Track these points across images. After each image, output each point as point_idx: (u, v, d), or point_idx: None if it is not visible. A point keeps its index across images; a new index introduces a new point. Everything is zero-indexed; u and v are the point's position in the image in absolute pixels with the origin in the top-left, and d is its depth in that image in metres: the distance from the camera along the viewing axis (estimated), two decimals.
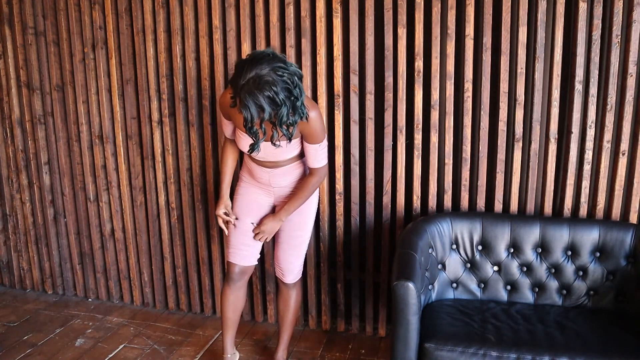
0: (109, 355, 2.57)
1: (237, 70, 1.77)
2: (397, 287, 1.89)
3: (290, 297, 2.36)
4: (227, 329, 2.34)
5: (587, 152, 2.28)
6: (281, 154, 2.08)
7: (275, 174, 2.16)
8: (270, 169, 2.15)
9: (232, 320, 2.33)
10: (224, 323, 2.33)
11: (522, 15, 2.23)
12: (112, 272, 3.06)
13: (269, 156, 2.09)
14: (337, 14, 2.41)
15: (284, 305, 2.38)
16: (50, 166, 3.03)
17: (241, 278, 2.28)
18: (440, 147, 2.45)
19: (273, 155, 2.08)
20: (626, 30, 2.16)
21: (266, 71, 1.72)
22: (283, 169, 2.15)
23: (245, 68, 1.74)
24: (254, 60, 1.75)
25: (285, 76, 1.74)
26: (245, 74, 1.73)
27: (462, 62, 2.34)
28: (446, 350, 1.87)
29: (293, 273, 2.30)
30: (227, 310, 2.31)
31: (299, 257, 2.29)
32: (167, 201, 2.83)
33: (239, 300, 2.32)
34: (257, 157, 2.10)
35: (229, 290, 2.28)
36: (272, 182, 2.19)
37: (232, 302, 2.30)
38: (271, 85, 1.71)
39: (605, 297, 2.18)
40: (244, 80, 1.72)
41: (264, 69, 1.73)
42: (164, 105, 2.71)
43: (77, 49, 2.78)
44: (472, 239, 2.29)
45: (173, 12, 2.58)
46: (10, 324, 2.87)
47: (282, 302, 2.38)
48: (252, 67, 1.73)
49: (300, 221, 2.25)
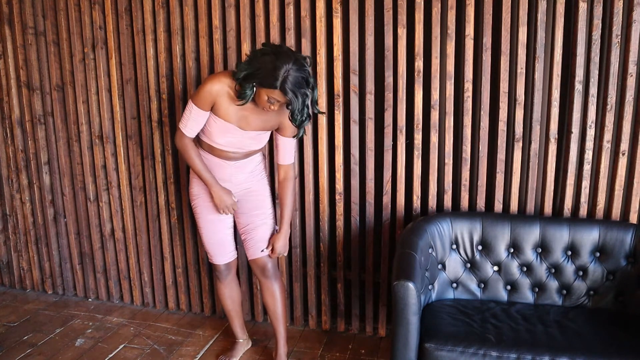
0: (109, 355, 2.57)
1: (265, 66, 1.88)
2: (397, 287, 1.89)
3: (274, 288, 2.34)
4: (232, 319, 2.52)
5: (587, 152, 2.28)
6: (255, 144, 2.19)
7: (238, 167, 2.23)
8: (234, 162, 2.22)
9: (234, 311, 2.49)
10: (227, 315, 2.52)
11: (522, 15, 2.23)
12: (112, 272, 3.06)
13: (244, 145, 2.17)
14: (337, 14, 2.41)
15: (272, 299, 2.35)
16: (50, 166, 3.03)
17: (229, 273, 2.42)
18: (440, 147, 2.45)
19: (248, 145, 2.18)
20: (626, 30, 2.16)
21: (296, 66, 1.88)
22: (245, 161, 2.24)
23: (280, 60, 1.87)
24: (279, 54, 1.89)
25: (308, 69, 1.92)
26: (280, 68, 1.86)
27: (462, 62, 2.34)
28: (446, 350, 1.87)
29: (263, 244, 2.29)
30: (226, 303, 2.47)
31: (266, 226, 2.31)
32: (167, 201, 2.83)
33: (234, 291, 2.47)
34: (229, 147, 2.16)
35: (222, 285, 2.44)
36: (233, 178, 2.24)
37: (229, 295, 2.46)
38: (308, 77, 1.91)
39: (605, 297, 2.18)
40: (281, 73, 1.86)
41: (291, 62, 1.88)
42: (164, 105, 2.71)
43: (77, 49, 2.78)
44: (472, 239, 2.29)
45: (173, 12, 2.58)
46: (10, 324, 2.87)
47: (269, 297, 2.36)
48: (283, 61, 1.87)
49: (254, 204, 2.31)
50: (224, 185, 2.23)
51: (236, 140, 2.14)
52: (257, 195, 2.32)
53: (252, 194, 2.31)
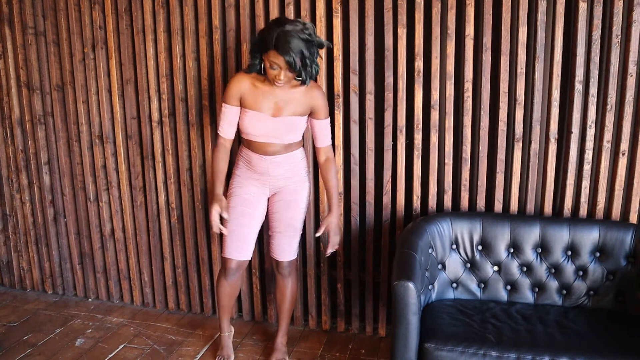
0: (109, 355, 2.57)
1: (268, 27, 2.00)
2: (397, 287, 1.89)
3: (286, 286, 2.44)
4: (224, 313, 2.49)
5: (587, 152, 2.28)
6: (291, 132, 2.21)
7: (273, 162, 2.25)
8: (270, 157, 2.24)
9: (229, 307, 2.48)
10: (221, 309, 2.47)
11: (522, 15, 2.23)
12: (112, 272, 3.06)
13: (279, 134, 2.20)
14: (337, 14, 2.41)
15: (281, 295, 2.46)
16: (50, 166, 3.03)
17: (237, 272, 2.36)
18: (440, 147, 2.45)
19: (283, 133, 2.20)
20: (626, 30, 2.16)
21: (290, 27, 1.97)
22: (281, 157, 2.25)
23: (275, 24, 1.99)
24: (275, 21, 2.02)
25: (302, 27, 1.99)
26: (273, 29, 1.97)
27: (462, 62, 2.34)
28: (446, 350, 1.87)
29: (288, 252, 2.35)
30: (224, 299, 2.43)
31: (294, 237, 2.36)
32: (167, 201, 2.83)
33: (235, 289, 2.44)
34: (266, 139, 2.20)
35: (226, 282, 2.38)
36: (270, 171, 2.26)
37: (228, 293, 2.42)
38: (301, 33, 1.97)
39: (605, 297, 2.18)
40: (275, 34, 1.95)
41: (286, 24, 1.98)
42: (164, 105, 2.71)
43: (77, 49, 2.78)
44: (472, 239, 2.29)
45: (173, 12, 2.59)
46: (10, 324, 2.87)
47: (278, 293, 2.47)
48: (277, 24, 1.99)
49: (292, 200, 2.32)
50: (260, 178, 2.28)
51: (270, 129, 2.19)
52: (294, 202, 2.32)
53: (290, 196, 2.31)
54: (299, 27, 1.97)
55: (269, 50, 1.98)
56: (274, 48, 1.96)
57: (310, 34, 1.98)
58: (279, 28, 1.96)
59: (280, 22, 2.00)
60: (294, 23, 1.99)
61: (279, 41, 1.94)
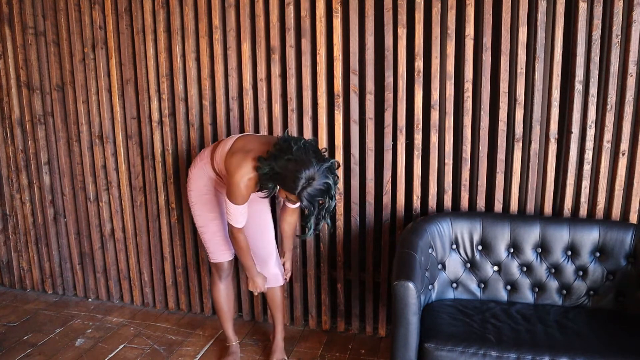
0: (109, 355, 2.57)
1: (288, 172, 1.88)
2: (397, 287, 1.89)
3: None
4: (227, 321, 2.49)
5: (587, 152, 2.28)
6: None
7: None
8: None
9: (230, 312, 2.49)
10: (222, 317, 2.48)
11: (522, 15, 2.23)
12: (112, 272, 3.06)
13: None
14: (337, 14, 2.41)
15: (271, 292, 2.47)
16: (50, 166, 3.03)
17: (230, 272, 2.43)
18: (440, 147, 2.44)
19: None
20: (626, 30, 2.16)
21: (319, 177, 1.88)
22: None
23: (297, 171, 1.86)
24: (302, 162, 1.87)
25: (330, 180, 1.90)
26: (300, 177, 1.86)
27: (462, 62, 2.34)
28: (446, 350, 1.87)
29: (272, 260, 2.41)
30: (224, 303, 2.45)
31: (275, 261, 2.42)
32: (167, 201, 2.83)
33: (231, 290, 2.48)
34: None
35: (222, 285, 2.42)
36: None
37: (226, 295, 2.45)
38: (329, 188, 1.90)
39: (605, 297, 2.18)
40: (301, 183, 1.87)
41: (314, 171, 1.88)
42: (164, 105, 2.71)
43: (77, 49, 2.78)
44: (472, 239, 2.29)
45: (173, 12, 2.59)
46: (10, 324, 2.87)
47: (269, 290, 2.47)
48: (305, 169, 1.87)
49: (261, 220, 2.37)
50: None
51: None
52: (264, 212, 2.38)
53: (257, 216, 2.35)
54: (326, 177, 1.89)
55: (292, 194, 1.91)
56: (297, 196, 1.89)
57: (331, 183, 1.90)
58: (305, 175, 1.86)
59: (308, 166, 1.87)
60: (321, 170, 1.88)
61: (304, 192, 1.88)
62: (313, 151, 1.93)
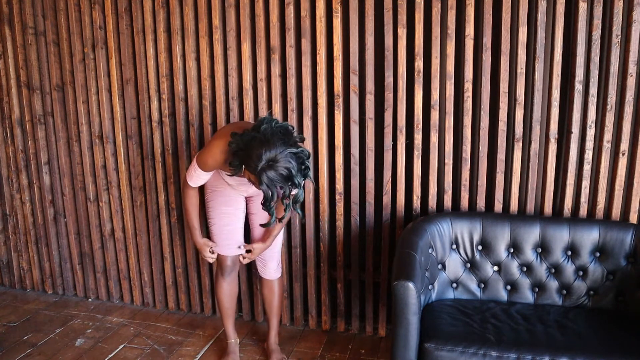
0: (109, 355, 2.57)
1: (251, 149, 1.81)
2: (397, 287, 1.89)
3: (274, 284, 2.50)
4: (228, 318, 2.49)
5: (587, 152, 2.28)
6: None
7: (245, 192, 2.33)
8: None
9: (231, 309, 2.49)
10: (224, 313, 2.48)
11: (522, 15, 2.23)
12: (112, 272, 3.06)
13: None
14: (337, 14, 2.41)
15: (269, 292, 2.51)
16: (50, 166, 3.03)
17: (234, 269, 2.42)
18: (440, 147, 2.44)
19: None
20: (626, 30, 2.16)
21: (283, 160, 1.79)
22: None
23: (259, 149, 1.79)
24: (266, 141, 1.80)
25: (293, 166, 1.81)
26: (261, 156, 1.79)
27: (462, 62, 2.34)
28: (446, 350, 1.87)
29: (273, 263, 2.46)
30: (225, 300, 2.45)
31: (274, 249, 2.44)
32: (167, 201, 2.83)
33: (234, 288, 2.47)
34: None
35: (225, 282, 2.42)
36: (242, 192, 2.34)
37: (228, 292, 2.45)
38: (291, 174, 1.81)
39: (605, 297, 2.18)
40: (261, 163, 1.79)
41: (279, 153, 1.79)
42: (164, 105, 2.71)
43: (77, 49, 2.78)
44: (472, 239, 2.29)
45: (173, 12, 2.59)
46: (10, 324, 2.87)
47: (266, 290, 2.51)
48: (269, 150, 1.79)
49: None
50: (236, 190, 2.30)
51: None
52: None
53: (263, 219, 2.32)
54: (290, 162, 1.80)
55: (252, 174, 1.85)
56: (257, 176, 1.82)
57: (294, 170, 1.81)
58: (268, 156, 1.79)
59: (273, 147, 1.79)
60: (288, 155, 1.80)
61: (263, 174, 1.79)
62: (282, 133, 1.84)
